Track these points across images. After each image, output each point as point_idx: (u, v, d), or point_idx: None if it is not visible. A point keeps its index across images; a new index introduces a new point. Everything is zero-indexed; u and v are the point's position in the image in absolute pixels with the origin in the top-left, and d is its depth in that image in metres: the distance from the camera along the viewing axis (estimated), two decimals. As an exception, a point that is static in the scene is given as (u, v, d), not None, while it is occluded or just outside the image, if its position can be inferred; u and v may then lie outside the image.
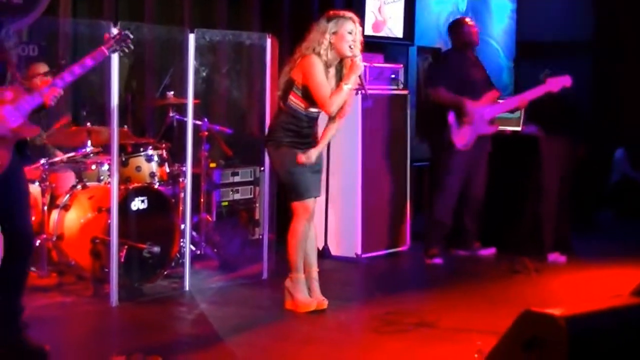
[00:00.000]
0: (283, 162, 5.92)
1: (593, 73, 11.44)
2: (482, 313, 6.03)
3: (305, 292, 6.01)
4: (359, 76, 5.85)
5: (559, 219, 8.16)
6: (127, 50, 5.29)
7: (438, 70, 7.95)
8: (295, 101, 5.87)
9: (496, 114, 7.87)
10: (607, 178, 10.95)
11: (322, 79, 5.80)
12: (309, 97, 5.83)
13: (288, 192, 6.03)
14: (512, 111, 8.01)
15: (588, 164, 9.83)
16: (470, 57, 7.95)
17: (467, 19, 8.24)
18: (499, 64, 11.45)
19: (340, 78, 5.90)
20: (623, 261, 7.70)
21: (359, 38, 5.91)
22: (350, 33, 5.83)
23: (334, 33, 5.81)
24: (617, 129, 11.01)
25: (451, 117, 7.58)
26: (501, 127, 8.16)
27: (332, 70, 5.92)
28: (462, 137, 7.60)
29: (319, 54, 5.81)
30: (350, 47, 5.81)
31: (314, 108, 5.89)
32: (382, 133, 7.92)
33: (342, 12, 5.95)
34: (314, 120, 6.00)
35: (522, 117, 8.29)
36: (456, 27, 8.04)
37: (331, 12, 5.94)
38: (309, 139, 5.97)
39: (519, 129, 8.30)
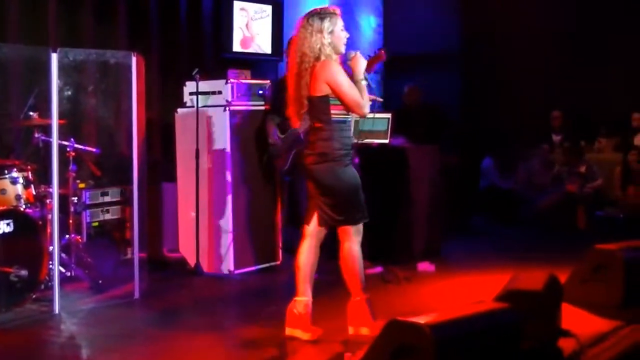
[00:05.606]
0: (349, 182, 5.74)
1: (461, 85, 11.73)
2: (353, 324, 6.09)
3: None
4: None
5: (429, 227, 8.33)
6: None
7: (272, 98, 7.89)
8: (338, 112, 5.60)
9: None
10: (477, 185, 11.24)
11: (349, 81, 5.56)
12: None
13: (348, 214, 5.83)
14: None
15: (459, 172, 10.09)
16: None
17: None
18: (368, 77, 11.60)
19: None
20: (491, 266, 7.93)
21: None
22: (342, 30, 5.65)
23: (331, 32, 5.57)
24: (485, 139, 11.32)
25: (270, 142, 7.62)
26: (369, 140, 8.21)
27: None
28: (281, 161, 7.54)
29: (329, 56, 5.58)
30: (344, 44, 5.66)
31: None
32: (250, 148, 7.92)
33: (331, 9, 5.72)
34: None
35: (389, 130, 8.35)
36: None
37: (319, 9, 5.67)
38: (350, 149, 5.74)
39: (386, 141, 8.35)
